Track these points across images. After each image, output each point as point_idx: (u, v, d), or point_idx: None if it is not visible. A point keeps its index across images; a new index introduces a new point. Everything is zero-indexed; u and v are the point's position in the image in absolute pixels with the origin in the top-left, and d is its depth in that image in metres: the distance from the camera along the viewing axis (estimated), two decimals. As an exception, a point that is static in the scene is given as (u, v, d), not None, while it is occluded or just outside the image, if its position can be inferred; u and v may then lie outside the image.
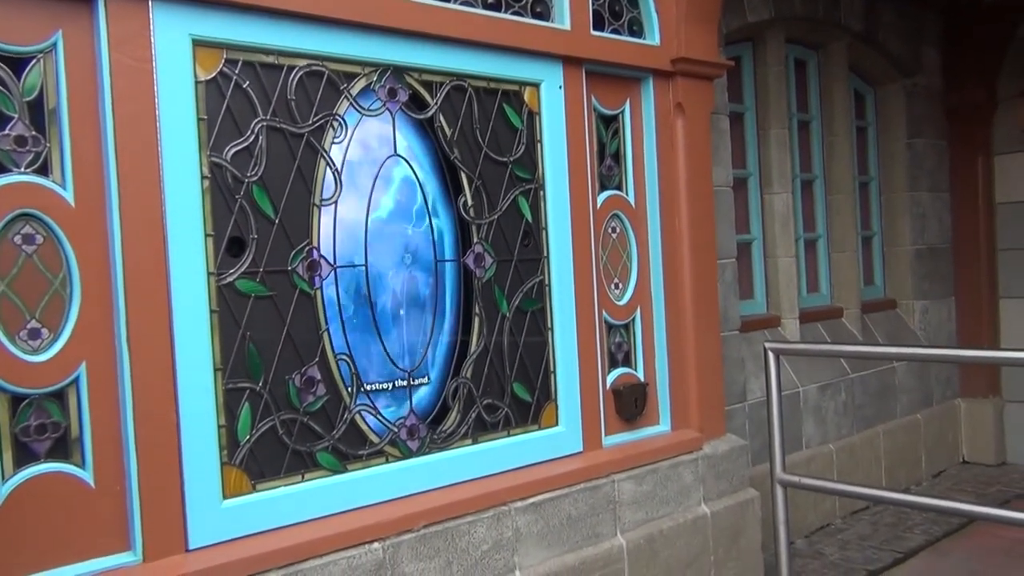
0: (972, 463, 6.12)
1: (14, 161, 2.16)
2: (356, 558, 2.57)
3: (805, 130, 5.46)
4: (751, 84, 5.00)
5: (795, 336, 4.98)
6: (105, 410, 2.27)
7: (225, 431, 2.46)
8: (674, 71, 3.65)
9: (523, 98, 3.21)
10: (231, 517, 2.44)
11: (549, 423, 3.25)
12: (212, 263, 2.45)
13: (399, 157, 2.89)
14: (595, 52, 3.37)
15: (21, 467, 2.15)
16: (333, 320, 2.71)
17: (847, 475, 5.07)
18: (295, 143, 2.64)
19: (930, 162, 6.06)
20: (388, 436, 2.82)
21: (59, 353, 2.20)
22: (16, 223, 2.16)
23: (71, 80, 2.24)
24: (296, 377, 2.62)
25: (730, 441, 3.83)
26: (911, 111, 5.95)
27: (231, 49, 2.49)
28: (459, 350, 3.03)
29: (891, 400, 5.60)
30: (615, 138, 3.59)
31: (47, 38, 2.21)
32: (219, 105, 2.47)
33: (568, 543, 3.14)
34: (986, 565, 4.25)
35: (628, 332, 3.61)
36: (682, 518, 3.53)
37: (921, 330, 5.98)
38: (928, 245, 6.05)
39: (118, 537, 2.28)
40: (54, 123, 2.22)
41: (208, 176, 2.44)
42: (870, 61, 5.78)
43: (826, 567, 4.28)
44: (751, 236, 5.00)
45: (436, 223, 2.98)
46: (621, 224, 3.58)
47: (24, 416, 2.16)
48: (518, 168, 3.19)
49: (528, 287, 3.21)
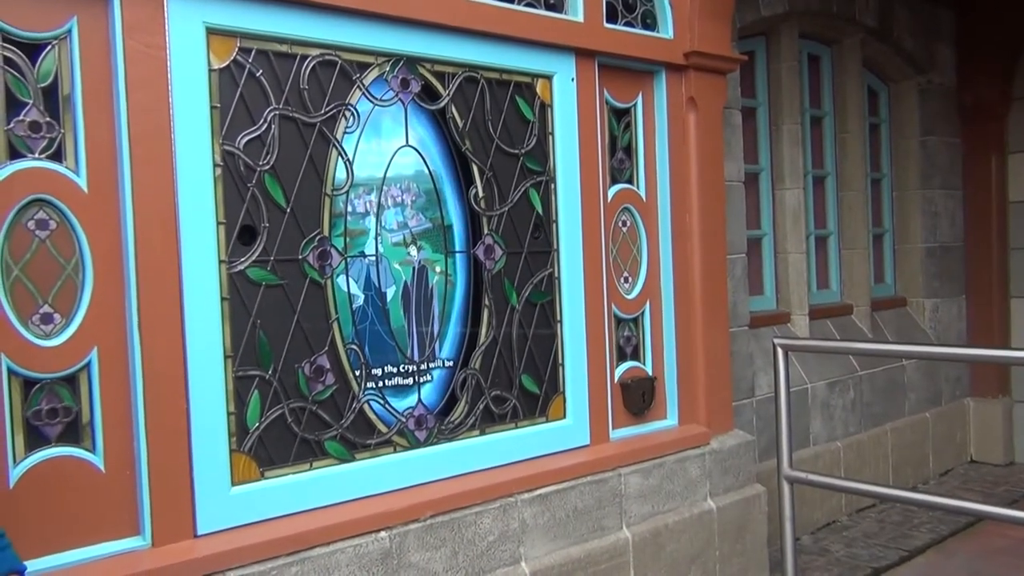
0: (980, 462, 6.10)
1: (28, 147, 2.17)
2: (363, 546, 2.59)
3: (818, 126, 5.43)
4: (764, 79, 4.98)
5: (804, 333, 4.96)
6: (116, 395, 2.28)
7: (234, 418, 2.47)
8: (687, 65, 3.63)
9: (535, 90, 3.20)
10: (239, 503, 2.45)
11: (557, 416, 3.26)
12: (223, 251, 2.45)
13: (410, 148, 2.89)
14: (608, 45, 3.36)
15: (32, 451, 2.17)
16: (343, 309, 2.72)
17: (854, 472, 5.07)
18: (307, 132, 2.64)
19: (943, 160, 6.03)
20: (396, 426, 2.83)
21: (71, 338, 2.22)
22: (30, 208, 2.17)
23: (85, 67, 2.24)
24: (305, 366, 2.63)
25: (737, 436, 3.83)
26: (925, 108, 5.92)
27: (245, 37, 2.50)
28: (468, 341, 3.04)
29: (899, 398, 5.58)
30: (627, 131, 3.58)
31: (62, 24, 2.21)
32: (232, 93, 2.48)
33: (574, 535, 3.15)
34: (992, 565, 4.24)
35: (637, 326, 3.61)
36: (688, 512, 3.53)
37: (931, 328, 5.96)
38: (940, 243, 6.02)
39: (127, 521, 2.30)
40: (68, 109, 2.23)
41: (220, 164, 2.45)
42: (884, 58, 5.74)
43: (831, 564, 4.27)
44: (762, 232, 4.98)
45: (447, 214, 2.98)
46: (632, 218, 3.58)
47: (36, 400, 2.18)
48: (529, 160, 3.18)
49: (538, 279, 3.21)
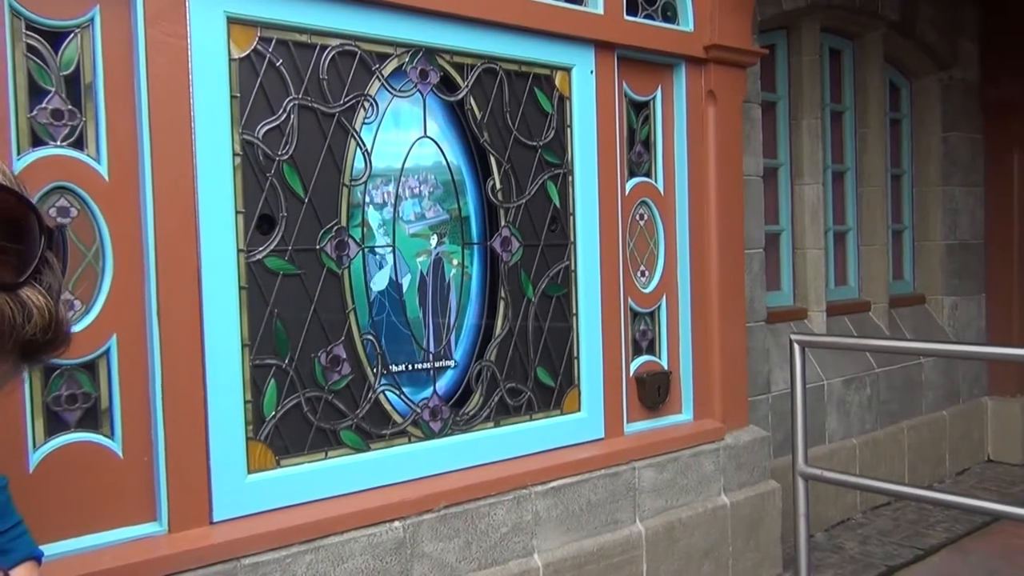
0: (997, 462, 6.05)
1: (51, 135, 2.19)
2: (377, 536, 2.60)
3: (838, 121, 5.39)
4: (784, 73, 4.94)
5: (821, 329, 4.93)
6: (134, 382, 2.30)
7: (251, 406, 2.49)
8: (707, 58, 3.61)
9: (554, 82, 3.19)
10: (255, 491, 2.47)
11: (571, 408, 3.26)
12: (242, 240, 2.47)
13: (429, 139, 2.89)
14: (628, 37, 3.34)
15: (52, 436, 2.19)
16: (360, 300, 2.73)
17: (869, 470, 5.04)
18: (326, 123, 2.65)
19: (964, 156, 5.96)
20: (411, 417, 2.84)
21: (91, 325, 2.24)
22: (51, 195, 2.18)
23: (107, 55, 2.26)
24: (322, 355, 2.64)
25: (752, 432, 3.81)
26: (947, 104, 5.85)
27: (265, 27, 2.50)
28: (484, 333, 3.04)
29: (916, 396, 5.54)
30: (645, 125, 3.57)
31: (85, 13, 2.23)
32: (252, 83, 2.49)
33: (587, 528, 3.15)
34: (1008, 565, 4.21)
35: (653, 320, 3.60)
36: (702, 507, 3.52)
37: (950, 326, 5.91)
38: (960, 240, 5.96)
39: (144, 507, 2.32)
40: (90, 98, 2.24)
41: (240, 153, 2.46)
42: (906, 53, 5.68)
43: (845, 561, 4.25)
44: (780, 227, 4.95)
45: (464, 206, 2.98)
46: (649, 211, 3.57)
47: (56, 386, 2.20)
48: (547, 153, 3.18)
49: (554, 272, 3.21)
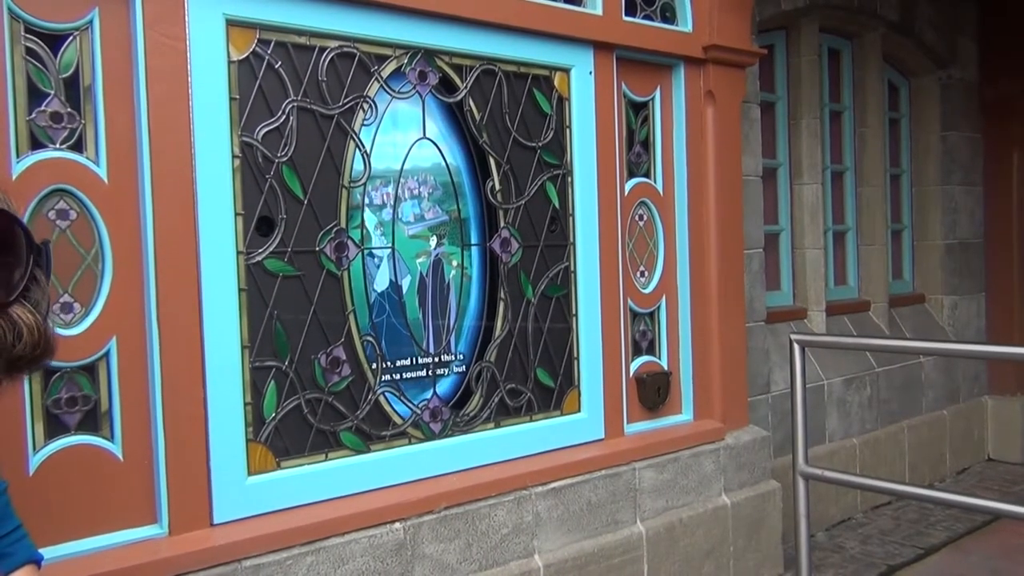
0: (997, 461, 6.05)
1: (50, 137, 2.19)
2: (377, 537, 2.60)
3: (837, 121, 5.39)
4: (783, 73, 4.94)
5: (821, 328, 4.93)
6: (134, 384, 2.30)
7: (251, 408, 2.49)
8: (706, 58, 3.61)
9: (553, 83, 3.19)
10: (255, 493, 2.47)
11: (571, 409, 3.26)
12: (241, 242, 2.47)
13: (428, 140, 2.89)
14: (626, 38, 3.34)
15: (52, 439, 2.19)
16: (359, 301, 2.73)
17: (870, 469, 5.04)
18: (325, 124, 2.65)
19: (963, 155, 5.97)
20: (411, 418, 2.84)
21: (90, 327, 2.23)
22: (50, 198, 2.18)
23: (106, 57, 2.26)
24: (322, 357, 2.64)
25: (753, 432, 3.81)
26: (946, 103, 5.85)
27: (264, 29, 2.50)
28: (483, 334, 3.04)
29: (917, 395, 5.54)
30: (644, 125, 3.57)
31: (84, 15, 2.23)
32: (251, 85, 2.49)
33: (587, 529, 3.15)
34: (1009, 563, 4.21)
35: (653, 320, 3.60)
36: (702, 508, 3.52)
37: (950, 325, 5.91)
38: (959, 240, 5.97)
39: (145, 510, 2.31)
40: (89, 100, 2.24)
41: (239, 155, 2.46)
42: (905, 52, 5.68)
43: (846, 561, 4.25)
44: (779, 227, 4.95)
45: (463, 207, 2.98)
46: (648, 212, 3.57)
47: (55, 389, 2.20)
48: (546, 153, 3.18)
49: (553, 273, 3.21)
